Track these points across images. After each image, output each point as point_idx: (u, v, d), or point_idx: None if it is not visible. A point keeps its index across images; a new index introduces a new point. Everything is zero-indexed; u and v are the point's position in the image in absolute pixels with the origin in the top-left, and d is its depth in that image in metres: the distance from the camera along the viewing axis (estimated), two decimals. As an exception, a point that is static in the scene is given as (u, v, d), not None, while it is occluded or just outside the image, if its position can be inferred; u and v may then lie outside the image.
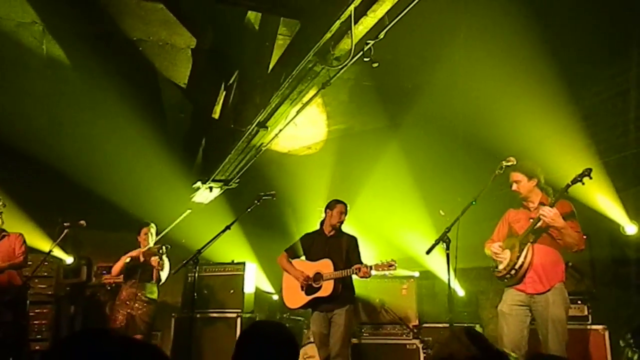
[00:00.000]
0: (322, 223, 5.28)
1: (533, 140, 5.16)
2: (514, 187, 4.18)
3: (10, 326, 5.38)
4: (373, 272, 4.78)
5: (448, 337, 1.98)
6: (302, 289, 5.06)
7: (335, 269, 4.90)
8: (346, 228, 5.30)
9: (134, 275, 5.81)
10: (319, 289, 4.95)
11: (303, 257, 5.28)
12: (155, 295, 5.89)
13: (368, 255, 5.70)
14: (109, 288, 6.77)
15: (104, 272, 7.08)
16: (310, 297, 4.99)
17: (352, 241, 5.14)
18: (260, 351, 2.07)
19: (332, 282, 4.88)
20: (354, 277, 4.97)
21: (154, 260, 5.75)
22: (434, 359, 1.94)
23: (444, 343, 1.90)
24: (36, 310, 6.65)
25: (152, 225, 6.05)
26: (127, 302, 5.73)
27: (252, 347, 2.09)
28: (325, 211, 5.22)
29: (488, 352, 1.78)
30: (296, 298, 5.10)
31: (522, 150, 4.69)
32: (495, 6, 4.71)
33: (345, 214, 5.15)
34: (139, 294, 5.75)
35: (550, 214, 3.88)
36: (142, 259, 5.80)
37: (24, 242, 5.73)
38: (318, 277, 4.99)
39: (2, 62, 5.67)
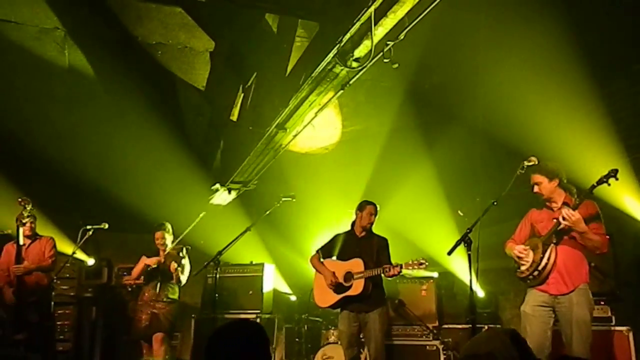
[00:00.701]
0: (353, 224, 5.29)
1: (557, 138, 5.03)
2: (536, 189, 4.10)
3: (36, 327, 5.48)
4: (403, 270, 4.75)
5: (489, 335, 1.95)
6: (332, 288, 5.08)
7: (366, 269, 4.91)
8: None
9: (156, 278, 5.90)
10: (349, 287, 4.97)
11: (334, 257, 5.29)
12: (176, 296, 5.96)
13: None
14: (129, 289, 6.84)
15: (124, 273, 7.17)
16: (340, 296, 5.01)
17: (383, 242, 5.15)
18: (226, 353, 2.05)
19: (362, 281, 4.88)
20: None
21: (172, 266, 5.81)
22: (467, 355, 1.89)
23: (484, 341, 1.87)
24: (59, 311, 6.74)
25: (167, 225, 6.09)
26: (150, 303, 5.82)
27: (217, 351, 2.07)
28: (356, 212, 5.24)
29: (527, 358, 1.76)
30: (326, 297, 5.12)
31: (545, 149, 4.62)
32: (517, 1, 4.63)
33: (375, 214, 5.16)
34: (161, 295, 5.83)
35: (572, 218, 3.81)
36: (162, 261, 5.87)
37: (54, 246, 5.89)
38: (349, 276, 5.00)
39: (25, 67, 5.77)
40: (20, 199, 5.63)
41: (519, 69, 5.15)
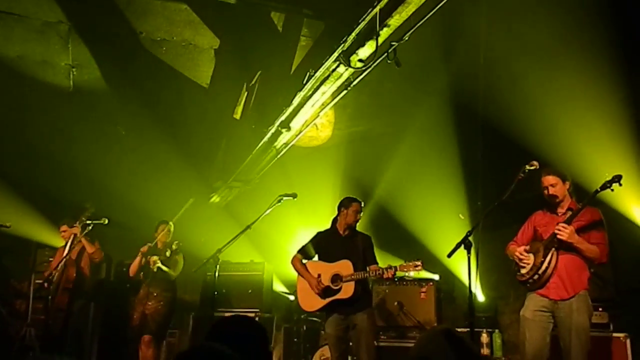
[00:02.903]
0: (334, 221, 5.00)
1: (565, 143, 4.84)
2: (551, 190, 4.00)
3: (60, 313, 5.74)
4: (398, 273, 4.55)
5: (427, 336, 1.91)
6: (318, 293, 4.82)
7: (355, 270, 4.69)
8: (364, 229, 5.17)
9: (149, 274, 5.89)
10: (338, 290, 4.72)
11: (316, 257, 5.05)
12: (170, 293, 5.94)
13: (387, 257, 5.68)
14: (127, 285, 6.84)
15: (123, 269, 7.16)
16: (328, 300, 4.76)
17: (367, 240, 4.92)
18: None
19: (352, 284, 4.67)
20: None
21: (151, 259, 5.82)
22: (412, 358, 1.86)
23: (423, 344, 1.83)
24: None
25: (171, 224, 6.11)
26: (143, 301, 5.83)
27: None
28: (339, 209, 4.92)
29: (466, 357, 1.72)
30: (313, 301, 4.84)
31: (551, 153, 4.52)
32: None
33: (361, 212, 4.89)
34: (154, 293, 5.84)
35: (566, 231, 3.79)
36: (151, 246, 5.92)
37: (99, 248, 6.25)
38: (336, 278, 4.75)
39: (28, 62, 5.75)
40: (88, 204, 6.03)
41: (526, 64, 4.85)
